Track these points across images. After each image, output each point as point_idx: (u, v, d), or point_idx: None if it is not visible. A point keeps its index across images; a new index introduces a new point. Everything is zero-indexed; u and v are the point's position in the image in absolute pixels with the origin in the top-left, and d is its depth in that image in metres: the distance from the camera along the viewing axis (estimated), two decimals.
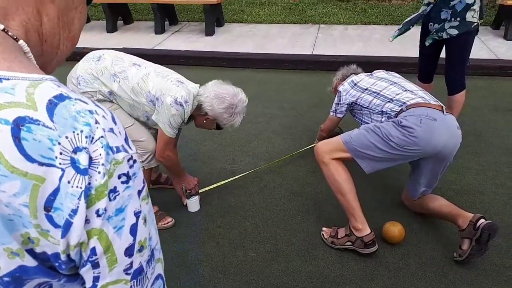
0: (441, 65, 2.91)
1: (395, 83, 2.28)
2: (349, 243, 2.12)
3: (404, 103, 2.11)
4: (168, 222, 2.36)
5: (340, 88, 2.48)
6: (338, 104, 2.50)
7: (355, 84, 2.42)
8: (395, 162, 2.08)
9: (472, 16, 2.61)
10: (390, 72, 2.47)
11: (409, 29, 2.87)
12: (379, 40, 4.96)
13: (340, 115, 2.54)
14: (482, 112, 3.49)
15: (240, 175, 2.75)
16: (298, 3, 6.52)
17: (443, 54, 2.87)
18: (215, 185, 2.66)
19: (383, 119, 2.19)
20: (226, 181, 2.70)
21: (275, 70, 4.58)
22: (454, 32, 2.65)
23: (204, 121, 2.19)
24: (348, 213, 2.11)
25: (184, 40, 5.32)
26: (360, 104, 2.35)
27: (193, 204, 2.48)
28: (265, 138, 3.28)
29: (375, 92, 2.28)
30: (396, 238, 2.15)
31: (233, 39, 5.31)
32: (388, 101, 2.19)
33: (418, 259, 2.11)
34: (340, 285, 1.99)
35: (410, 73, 3.74)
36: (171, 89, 2.03)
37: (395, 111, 2.13)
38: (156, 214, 2.39)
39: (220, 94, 2.10)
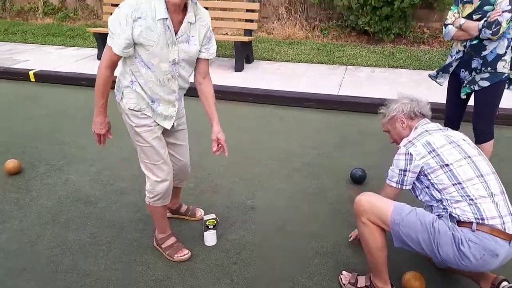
0: (469, 112, 2.88)
1: (468, 156, 1.85)
2: None
3: (482, 217, 1.72)
4: (184, 255, 2.35)
5: (411, 150, 1.91)
6: (405, 171, 1.92)
7: (433, 150, 1.88)
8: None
9: (503, 67, 2.59)
10: (460, 132, 2.04)
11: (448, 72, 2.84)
12: (406, 83, 4.96)
13: (408, 187, 1.97)
14: (511, 163, 3.39)
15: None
16: (326, 44, 6.64)
17: (471, 102, 2.84)
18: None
19: (443, 213, 1.82)
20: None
21: (300, 108, 4.62)
22: (486, 84, 2.63)
23: None
24: (372, 270, 2.03)
25: (214, 74, 5.44)
26: (431, 181, 1.86)
27: (210, 237, 2.47)
28: (286, 175, 3.27)
29: (456, 178, 1.80)
30: None
31: (261, 75, 5.42)
32: (463, 199, 1.77)
33: None
34: None
35: (437, 119, 3.70)
36: None
37: (465, 216, 1.74)
38: (173, 246, 2.38)
39: None
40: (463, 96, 2.77)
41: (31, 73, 5.61)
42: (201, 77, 2.18)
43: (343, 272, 2.21)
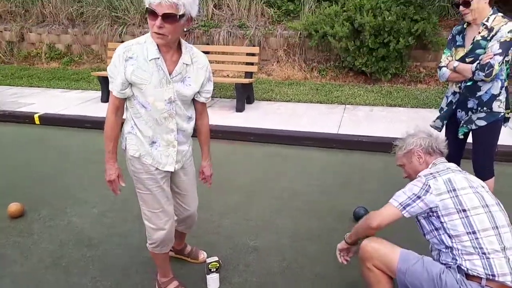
0: (469, 150, 2.92)
1: (487, 205, 1.80)
2: None
3: (493, 274, 1.66)
4: None
5: (431, 182, 1.84)
6: (417, 198, 1.83)
7: (453, 190, 1.80)
8: None
9: (498, 106, 2.66)
10: (478, 179, 1.97)
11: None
12: (404, 121, 5.04)
13: (408, 215, 1.86)
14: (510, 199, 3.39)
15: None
16: (324, 84, 6.80)
17: (469, 139, 2.88)
18: None
19: (451, 263, 1.77)
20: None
21: (301, 147, 4.67)
22: (483, 123, 2.69)
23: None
24: None
25: (215, 114, 5.57)
26: (443, 224, 1.79)
27: (213, 281, 2.43)
28: (288, 215, 3.27)
29: (471, 226, 1.74)
30: None
31: (262, 115, 5.53)
32: (476, 252, 1.71)
33: None
34: None
35: None
36: None
37: (475, 270, 1.69)
38: None
39: None
40: (460, 136, 2.82)
41: (36, 116, 5.72)
42: (198, 115, 2.23)
43: None
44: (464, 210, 1.77)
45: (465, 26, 2.73)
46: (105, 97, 6.20)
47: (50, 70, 8.33)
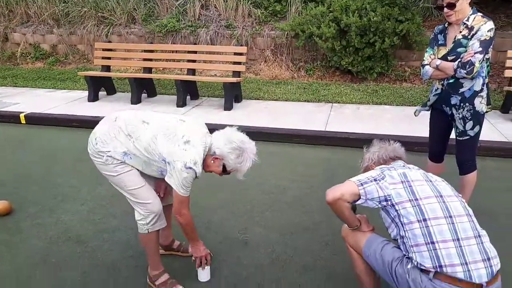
0: (452, 145, 3.00)
1: (441, 196, 1.82)
2: None
3: (440, 265, 1.66)
4: None
5: (386, 173, 1.90)
6: (374, 180, 1.88)
7: (406, 181, 1.86)
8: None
9: (480, 102, 2.73)
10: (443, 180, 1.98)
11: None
12: (390, 119, 5.13)
13: (363, 195, 1.86)
14: (495, 193, 3.49)
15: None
16: (311, 83, 6.88)
17: (452, 135, 2.97)
18: None
19: (406, 255, 1.80)
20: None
21: (289, 144, 4.72)
22: (472, 133, 2.79)
23: (212, 161, 2.20)
24: None
25: (204, 113, 5.60)
26: (398, 212, 1.82)
27: (204, 273, 2.46)
28: (277, 209, 3.31)
29: (422, 214, 1.76)
30: None
31: (250, 114, 5.56)
32: (424, 241, 1.71)
33: None
34: None
35: (422, 151, 3.83)
36: (180, 155, 2.08)
37: (424, 264, 1.69)
38: (166, 283, 2.37)
39: (230, 137, 2.18)
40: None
41: (21, 115, 5.66)
42: None
43: None
44: (416, 199, 1.79)
45: (446, 25, 2.81)
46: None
47: (35, 70, 8.23)
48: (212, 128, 2.32)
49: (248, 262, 2.65)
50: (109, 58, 6.68)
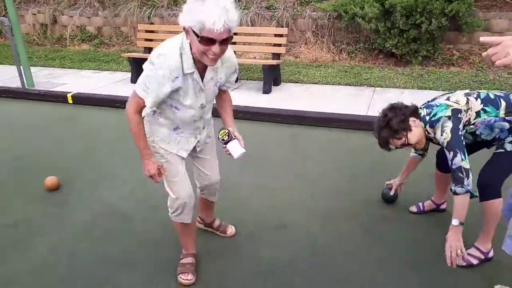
0: None
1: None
2: None
3: None
4: (186, 279, 2.31)
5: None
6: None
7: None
8: None
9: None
10: None
11: None
12: None
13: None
14: None
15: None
16: (353, 66, 6.69)
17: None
18: None
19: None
20: None
21: (328, 128, 4.63)
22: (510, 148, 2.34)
23: (190, 40, 1.78)
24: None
25: (243, 96, 5.58)
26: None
27: (234, 147, 2.08)
28: (317, 195, 3.26)
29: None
30: None
31: (288, 97, 5.50)
32: None
33: None
34: None
35: None
36: (151, 55, 1.86)
37: None
38: (185, 266, 2.38)
39: None
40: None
41: (69, 95, 5.88)
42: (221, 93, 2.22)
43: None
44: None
45: None
46: (135, 78, 6.31)
47: (82, 52, 8.51)
48: (251, 111, 2.28)
49: (287, 247, 2.65)
50: (151, 40, 6.78)
